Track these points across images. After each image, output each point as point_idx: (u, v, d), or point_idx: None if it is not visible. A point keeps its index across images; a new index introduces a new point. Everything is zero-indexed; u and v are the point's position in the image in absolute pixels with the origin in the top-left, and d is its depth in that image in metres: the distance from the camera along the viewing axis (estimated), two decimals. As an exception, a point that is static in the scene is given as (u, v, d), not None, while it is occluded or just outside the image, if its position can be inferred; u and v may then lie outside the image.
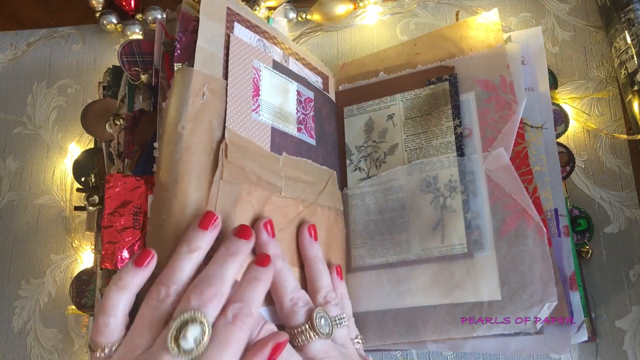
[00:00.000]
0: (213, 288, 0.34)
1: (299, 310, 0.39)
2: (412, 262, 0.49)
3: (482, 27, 0.53)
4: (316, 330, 0.38)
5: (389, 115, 0.54)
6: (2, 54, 0.69)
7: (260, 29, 0.49)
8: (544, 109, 0.52)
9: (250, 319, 0.34)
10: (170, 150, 0.40)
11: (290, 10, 0.64)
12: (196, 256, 0.36)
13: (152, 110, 0.49)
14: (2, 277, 0.60)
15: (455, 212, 0.48)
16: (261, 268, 0.37)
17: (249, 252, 0.38)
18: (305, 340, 0.38)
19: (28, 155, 0.64)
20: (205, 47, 0.43)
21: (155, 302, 0.34)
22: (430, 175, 0.50)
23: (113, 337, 0.35)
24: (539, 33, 0.54)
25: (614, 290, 0.51)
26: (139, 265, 0.36)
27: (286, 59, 0.52)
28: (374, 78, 0.57)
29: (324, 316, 0.40)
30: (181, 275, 0.35)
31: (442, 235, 0.48)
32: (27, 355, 0.57)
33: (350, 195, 0.53)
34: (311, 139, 0.51)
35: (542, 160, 0.50)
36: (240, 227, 0.38)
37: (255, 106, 0.46)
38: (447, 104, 0.52)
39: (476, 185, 0.48)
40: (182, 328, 0.32)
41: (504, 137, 0.49)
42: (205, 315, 0.33)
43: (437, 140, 0.51)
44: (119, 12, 0.67)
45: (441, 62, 0.54)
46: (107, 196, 0.44)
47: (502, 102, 0.50)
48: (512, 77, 0.50)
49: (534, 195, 0.47)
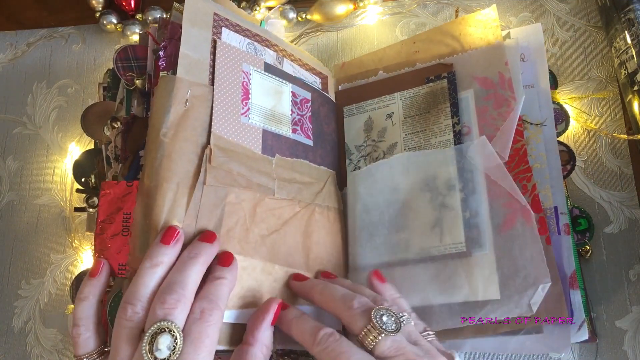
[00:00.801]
0: (175, 294, 0.35)
1: (356, 314, 0.38)
2: (411, 262, 0.49)
3: (480, 23, 0.53)
4: (379, 329, 0.36)
5: (388, 114, 0.54)
6: (2, 54, 0.69)
7: (251, 32, 0.50)
8: (544, 106, 0.51)
9: (217, 311, 0.36)
10: (152, 157, 0.40)
11: (290, 11, 0.64)
12: (159, 271, 0.37)
13: (145, 117, 0.49)
14: (2, 277, 0.60)
15: (453, 210, 0.48)
16: (223, 267, 0.39)
17: (211, 254, 0.39)
18: (373, 341, 0.36)
19: (28, 155, 0.64)
20: (189, 54, 0.43)
21: (125, 321, 0.35)
22: (429, 174, 0.50)
23: (89, 347, 0.38)
24: (539, 30, 0.54)
25: (614, 290, 0.51)
26: (93, 276, 0.40)
27: (280, 60, 0.52)
28: (373, 77, 0.57)
29: (385, 313, 0.38)
30: (145, 292, 0.36)
31: (441, 234, 0.48)
32: (27, 355, 0.57)
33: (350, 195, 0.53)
34: (308, 140, 0.51)
35: (542, 157, 0.49)
36: (204, 232, 0.39)
37: (245, 110, 0.46)
38: (445, 102, 0.52)
39: (474, 184, 0.48)
40: (153, 340, 0.33)
41: (503, 134, 0.48)
42: (172, 322, 0.34)
43: (435, 139, 0.51)
44: (119, 12, 0.67)
45: (440, 60, 0.54)
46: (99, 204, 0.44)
47: (501, 99, 0.50)
48: (511, 74, 0.50)
49: (532, 192, 0.47)
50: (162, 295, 0.35)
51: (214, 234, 0.40)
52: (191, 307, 0.36)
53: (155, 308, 0.35)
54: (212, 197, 0.41)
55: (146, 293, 0.36)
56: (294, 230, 0.46)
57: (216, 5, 0.47)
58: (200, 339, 0.34)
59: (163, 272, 0.37)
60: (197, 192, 0.40)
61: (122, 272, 0.42)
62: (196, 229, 0.40)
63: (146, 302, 0.35)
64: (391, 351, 0.36)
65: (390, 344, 0.36)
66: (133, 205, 0.42)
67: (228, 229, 0.41)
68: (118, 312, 0.36)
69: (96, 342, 0.38)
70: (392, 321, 0.37)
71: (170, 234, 0.38)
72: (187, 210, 0.40)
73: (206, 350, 0.34)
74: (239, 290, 0.41)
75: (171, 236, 0.38)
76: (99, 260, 0.41)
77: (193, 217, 0.40)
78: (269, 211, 0.45)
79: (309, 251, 0.47)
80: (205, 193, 0.41)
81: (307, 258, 0.47)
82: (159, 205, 0.39)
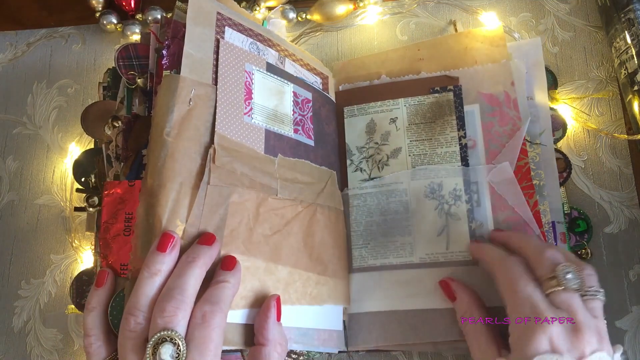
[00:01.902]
0: (173, 301, 0.35)
1: (544, 261, 0.40)
2: (416, 266, 0.49)
3: (487, 40, 0.54)
4: (560, 282, 0.39)
5: (391, 119, 0.54)
6: (2, 54, 0.69)
7: (254, 32, 0.50)
8: (542, 119, 0.53)
9: (220, 314, 0.35)
10: (155, 156, 0.40)
11: (290, 11, 0.64)
12: (158, 279, 0.37)
13: (147, 115, 0.49)
14: (2, 277, 0.60)
15: (460, 220, 0.49)
16: (226, 272, 0.38)
17: (211, 257, 0.38)
18: (550, 288, 0.39)
19: (28, 155, 0.64)
20: (193, 53, 0.43)
21: (128, 332, 0.35)
22: (435, 182, 0.51)
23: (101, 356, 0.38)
24: (539, 44, 0.55)
25: (614, 290, 0.51)
26: (99, 286, 0.40)
27: (282, 60, 0.52)
28: (375, 80, 0.57)
29: (571, 271, 0.39)
30: (145, 301, 0.36)
31: (447, 241, 0.49)
32: (27, 355, 0.57)
33: (351, 196, 0.53)
34: (309, 140, 0.51)
35: (540, 174, 0.51)
36: (203, 234, 0.39)
37: (248, 109, 0.46)
38: (451, 114, 0.52)
39: (480, 196, 0.49)
40: (156, 351, 0.33)
41: (508, 152, 0.50)
42: (173, 330, 0.34)
43: (442, 149, 0.52)
44: (119, 12, 0.67)
45: (445, 72, 0.54)
46: (103, 204, 0.44)
47: (507, 118, 0.51)
48: (517, 95, 0.51)
49: (534, 209, 0.48)
50: (160, 303, 0.35)
51: (213, 236, 0.39)
52: (193, 311, 0.35)
53: (155, 317, 0.35)
54: (216, 197, 0.41)
55: (147, 302, 0.36)
56: (296, 230, 0.46)
57: (219, 4, 0.47)
58: (204, 343, 0.34)
59: (162, 279, 0.37)
60: (201, 192, 0.40)
61: (124, 272, 0.42)
62: (200, 229, 0.40)
63: (147, 311, 0.35)
64: (562, 305, 0.38)
65: (565, 299, 0.38)
66: (135, 205, 0.42)
67: (232, 229, 0.41)
68: (121, 323, 0.36)
69: (107, 350, 0.39)
70: (575, 280, 0.39)
71: (166, 240, 0.37)
72: (191, 211, 0.39)
73: (211, 354, 0.34)
74: (242, 290, 0.41)
75: (167, 243, 0.37)
76: (103, 271, 0.41)
77: (197, 217, 0.40)
78: (272, 211, 0.45)
79: (311, 251, 0.47)
80: (209, 193, 0.40)
81: (310, 258, 0.47)
82: (162, 205, 0.39)
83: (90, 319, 0.39)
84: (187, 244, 0.39)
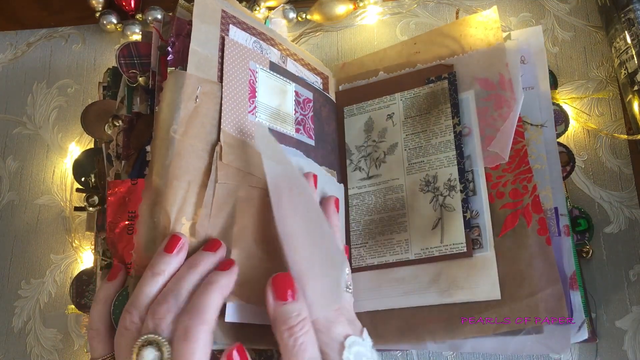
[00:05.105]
0: (165, 305, 0.35)
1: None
2: (411, 262, 0.49)
3: (481, 25, 0.53)
4: None
5: (388, 115, 0.54)
6: (2, 54, 0.69)
7: (257, 30, 0.50)
8: (544, 108, 0.51)
9: (202, 327, 0.34)
10: (161, 154, 0.40)
11: (290, 11, 0.64)
12: (161, 280, 0.36)
13: (149, 114, 0.48)
14: (2, 277, 0.60)
15: (454, 210, 0.48)
16: (219, 272, 0.37)
17: (212, 263, 0.38)
18: None
19: (28, 155, 0.64)
20: (198, 50, 0.43)
21: (124, 330, 0.35)
22: (429, 174, 0.50)
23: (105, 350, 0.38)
24: (540, 32, 0.54)
25: (614, 290, 0.51)
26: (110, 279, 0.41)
27: (284, 60, 0.52)
28: (373, 77, 0.57)
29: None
30: (144, 300, 0.36)
31: (442, 234, 0.48)
32: (27, 355, 0.57)
33: (351, 195, 0.53)
34: (310, 140, 0.51)
35: (542, 158, 0.49)
36: (209, 241, 0.39)
37: (252, 108, 0.46)
38: (446, 103, 0.52)
39: (475, 185, 0.49)
40: (139, 352, 0.33)
41: (503, 135, 0.49)
42: (160, 334, 0.34)
43: (436, 139, 0.51)
44: (119, 12, 0.67)
45: (441, 61, 0.54)
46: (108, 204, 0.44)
47: (501, 100, 0.50)
48: (511, 75, 0.50)
49: (533, 193, 0.47)
50: (154, 305, 0.35)
51: (218, 242, 0.39)
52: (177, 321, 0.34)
53: (147, 319, 0.34)
54: (224, 194, 0.41)
55: (145, 302, 0.36)
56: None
57: (224, 2, 0.47)
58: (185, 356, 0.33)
59: (164, 280, 0.37)
60: (209, 190, 0.40)
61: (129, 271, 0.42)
62: (209, 227, 0.40)
63: (144, 310, 0.35)
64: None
65: None
66: (137, 203, 0.42)
67: (241, 227, 0.41)
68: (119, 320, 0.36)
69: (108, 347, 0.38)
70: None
71: (174, 242, 0.37)
72: (200, 209, 0.39)
73: None
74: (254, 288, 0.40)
75: (174, 244, 0.37)
76: (117, 265, 0.42)
77: (206, 215, 0.40)
78: None
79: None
80: (217, 191, 0.40)
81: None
82: (169, 204, 0.38)
83: (96, 311, 0.40)
84: (194, 242, 0.39)
